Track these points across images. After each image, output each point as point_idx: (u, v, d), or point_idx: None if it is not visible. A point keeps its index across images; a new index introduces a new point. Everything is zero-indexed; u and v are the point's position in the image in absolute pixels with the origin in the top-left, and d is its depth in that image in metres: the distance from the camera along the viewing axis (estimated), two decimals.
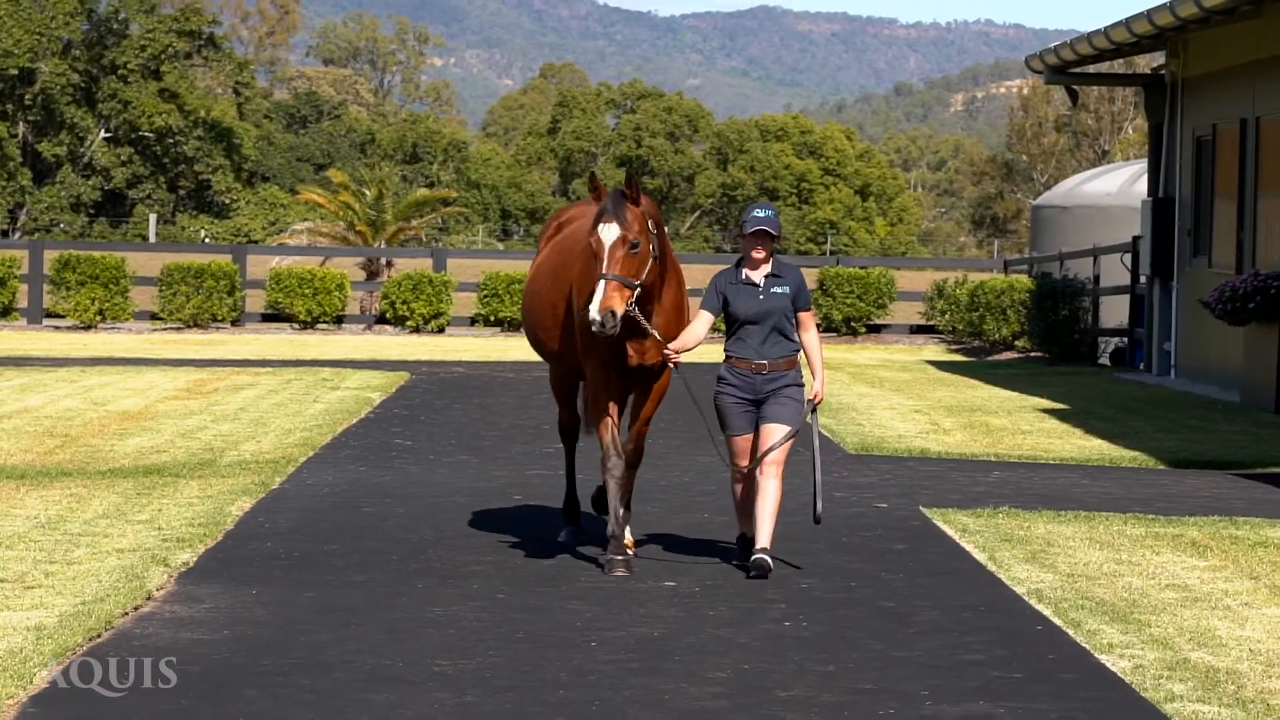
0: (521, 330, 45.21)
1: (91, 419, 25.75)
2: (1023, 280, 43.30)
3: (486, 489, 19.96)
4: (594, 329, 14.49)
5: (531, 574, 15.24)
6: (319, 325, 46.34)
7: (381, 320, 47.27)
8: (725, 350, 15.08)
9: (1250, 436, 25.54)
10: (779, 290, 14.87)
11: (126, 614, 13.25)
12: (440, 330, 46.43)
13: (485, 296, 46.90)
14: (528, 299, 16.81)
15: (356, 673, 11.84)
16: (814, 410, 15.12)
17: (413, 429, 25.69)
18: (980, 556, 16.06)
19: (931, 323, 46.56)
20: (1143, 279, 37.48)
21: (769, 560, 14.58)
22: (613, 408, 15.46)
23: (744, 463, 14.98)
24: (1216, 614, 13.88)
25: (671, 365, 15.00)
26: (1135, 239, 37.97)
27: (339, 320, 46.85)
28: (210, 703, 11.03)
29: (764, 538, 14.69)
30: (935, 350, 43.75)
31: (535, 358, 17.53)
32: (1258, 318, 29.02)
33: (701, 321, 15.01)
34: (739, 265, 15.05)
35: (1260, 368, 29.34)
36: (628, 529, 15.53)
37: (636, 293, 14.80)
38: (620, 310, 14.51)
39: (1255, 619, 13.73)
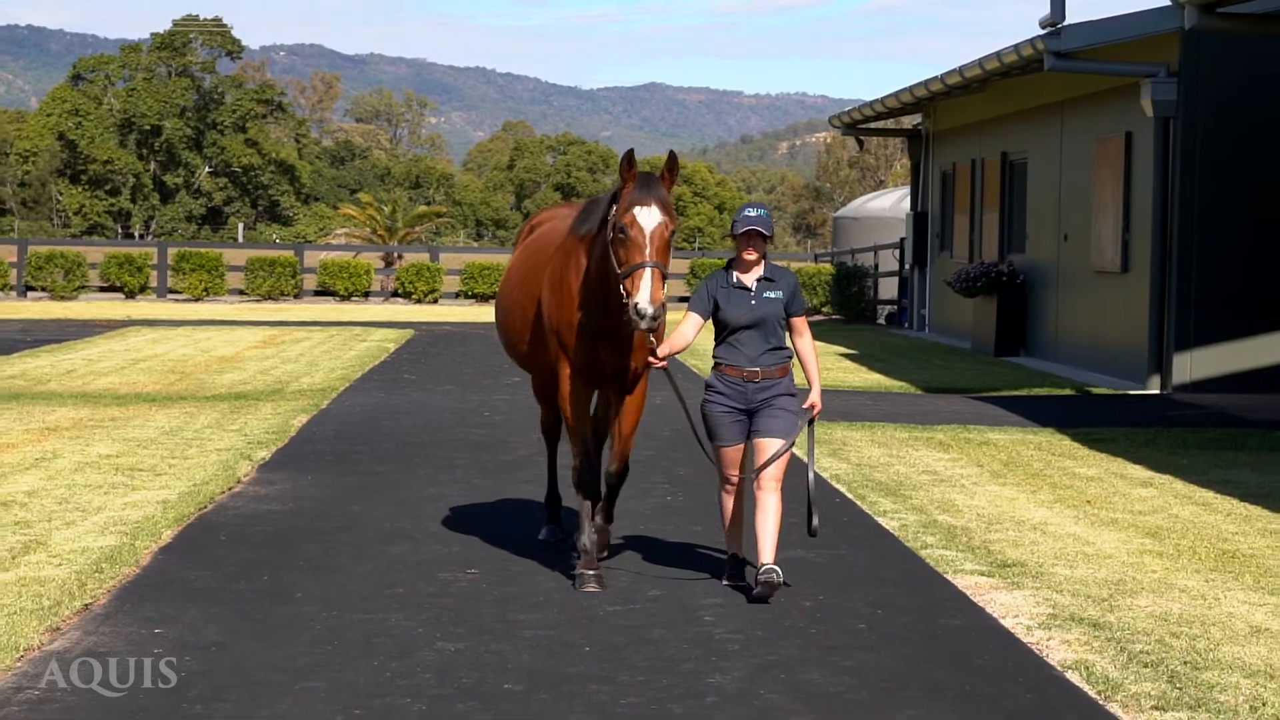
0: (490, 299, 45.79)
1: (199, 361, 25.67)
2: (827, 267, 43.43)
3: (465, 408, 19.96)
4: (642, 324, 9.50)
5: (497, 465, 15.23)
6: (353, 298, 46.23)
7: (395, 295, 47.20)
8: (715, 356, 10.21)
9: (977, 371, 25.71)
10: (772, 295, 10.04)
11: (224, 493, 13.25)
12: (435, 301, 46.39)
13: (465, 279, 46.93)
14: (500, 301, 11.65)
15: (378, 532, 11.86)
16: (811, 422, 10.37)
17: (416, 368, 25.65)
18: (799, 453, 16.11)
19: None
20: (907, 266, 37.68)
21: (776, 575, 9.73)
22: (587, 418, 10.63)
23: (734, 473, 10.17)
24: (955, 490, 13.97)
25: (658, 368, 10.13)
26: (902, 240, 38.16)
27: (366, 295, 46.72)
28: (280, 551, 11.05)
29: (767, 553, 9.82)
30: None
31: None
32: (982, 292, 29.27)
33: (689, 324, 10.09)
34: (729, 267, 10.18)
35: (984, 326, 29.58)
36: (605, 535, 10.76)
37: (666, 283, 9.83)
38: (664, 302, 9.66)
39: (980, 493, 13.84)
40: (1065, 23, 23.46)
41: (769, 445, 9.97)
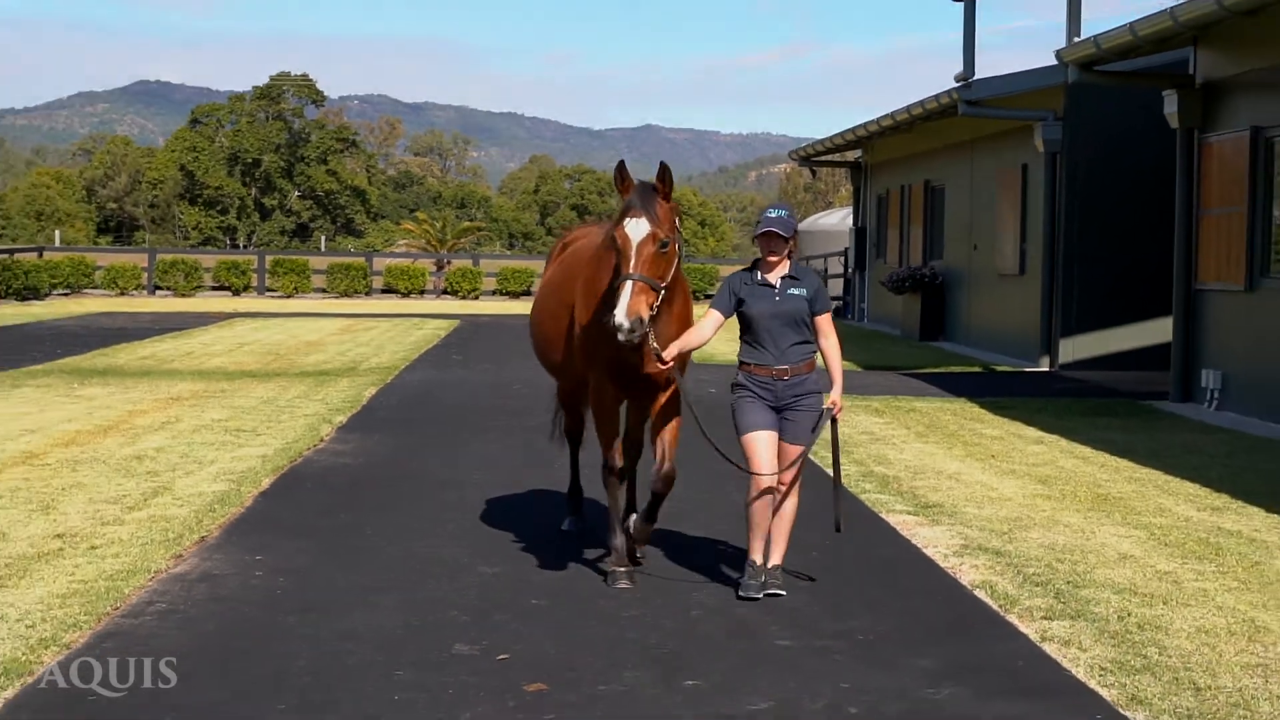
0: (520, 296, 45.82)
1: (291, 345, 25.66)
2: None
3: (500, 382, 19.96)
4: (620, 337, 7.62)
5: (525, 428, 15.21)
6: (411, 295, 46.17)
7: (445, 292, 47.13)
8: (740, 358, 8.26)
9: (905, 353, 25.70)
10: (796, 292, 8.12)
11: (310, 449, 13.25)
12: (476, 297, 46.35)
13: (500, 280, 46.92)
14: (534, 313, 9.41)
15: (432, 480, 11.86)
16: (834, 421, 8.30)
17: (461, 350, 25.65)
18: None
19: None
20: (850, 270, 37.66)
21: (780, 590, 8.07)
22: (616, 421, 8.58)
23: (762, 468, 8.05)
24: (888, 447, 13.97)
25: (662, 365, 8.05)
26: (846, 249, 38.16)
27: (422, 292, 46.66)
28: (354, 496, 11.05)
29: (778, 554, 8.20)
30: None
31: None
32: (909, 291, 29.26)
33: (709, 321, 8.27)
34: (754, 267, 8.28)
35: (910, 317, 29.56)
36: (645, 532, 8.64)
37: (661, 296, 7.88)
38: (647, 316, 7.69)
39: (908, 450, 13.84)
40: (975, 77, 23.58)
41: (793, 451, 8.15)
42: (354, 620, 7.52)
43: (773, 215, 8.17)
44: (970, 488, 11.74)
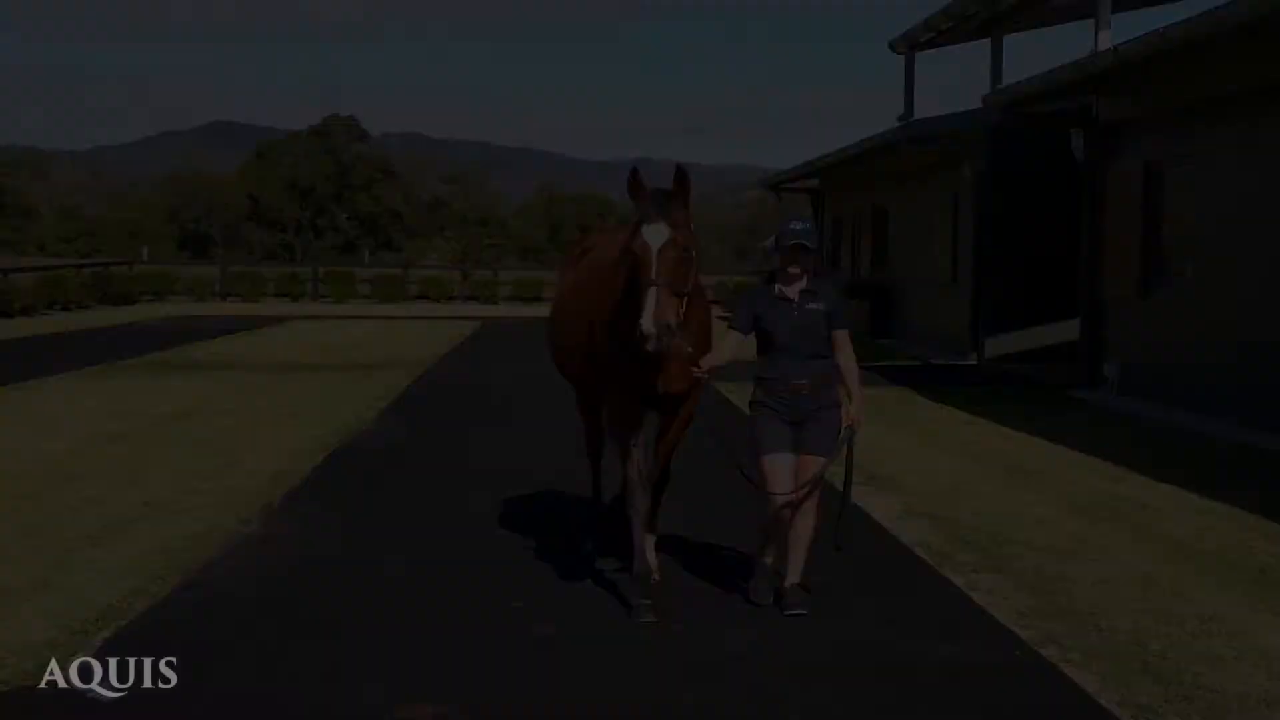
0: (532, 301, 45.76)
1: (339, 343, 25.65)
2: (756, 280, 43.39)
3: (517, 373, 19.89)
4: (649, 346, 6.10)
5: (537, 412, 15.20)
6: (441, 301, 46.13)
7: (469, 299, 47.12)
8: (759, 373, 6.82)
9: (857, 349, 25.57)
10: (815, 307, 6.68)
11: (357, 430, 13.24)
12: (495, 303, 46.26)
13: (516, 288, 46.84)
14: (554, 321, 7.80)
15: (459, 456, 11.84)
16: (852, 435, 6.85)
17: (485, 345, 25.62)
18: (738, 402, 16.10)
19: (719, 299, 46.60)
20: None
21: (803, 607, 6.68)
22: (639, 438, 6.82)
23: (779, 488, 6.71)
24: None
25: (703, 378, 6.72)
26: None
27: (450, 299, 46.63)
28: (391, 465, 11.05)
29: (795, 573, 6.81)
30: (717, 313, 43.77)
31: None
32: (860, 297, 29.29)
33: (730, 342, 6.76)
34: (771, 280, 6.80)
35: (862, 318, 29.45)
36: (653, 550, 7.05)
37: (685, 303, 6.39)
38: (675, 322, 6.19)
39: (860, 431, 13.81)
40: (914, 118, 23.62)
41: (814, 463, 6.75)
42: (392, 574, 7.52)
43: (797, 227, 6.68)
44: (911, 462, 11.75)
